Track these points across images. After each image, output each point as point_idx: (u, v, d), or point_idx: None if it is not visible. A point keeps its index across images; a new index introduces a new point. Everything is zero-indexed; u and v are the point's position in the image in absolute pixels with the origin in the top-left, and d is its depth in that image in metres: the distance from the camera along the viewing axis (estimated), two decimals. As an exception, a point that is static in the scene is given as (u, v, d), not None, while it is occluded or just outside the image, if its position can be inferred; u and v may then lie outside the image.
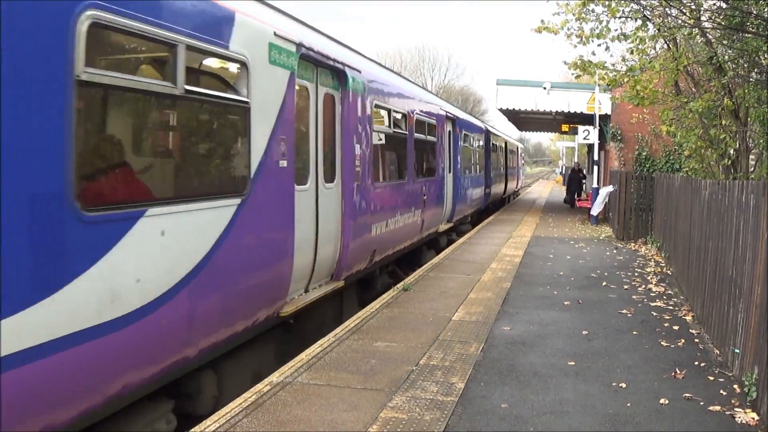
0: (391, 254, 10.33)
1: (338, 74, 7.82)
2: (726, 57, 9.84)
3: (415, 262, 12.56)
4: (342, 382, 5.42)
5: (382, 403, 4.98)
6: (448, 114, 15.29)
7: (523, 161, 51.13)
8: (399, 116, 10.85)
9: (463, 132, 17.18)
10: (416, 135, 11.74)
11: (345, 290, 8.36)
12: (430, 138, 12.95)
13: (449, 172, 15.24)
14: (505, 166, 30.04)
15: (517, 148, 40.38)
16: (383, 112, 9.98)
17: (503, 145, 29.55)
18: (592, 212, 19.22)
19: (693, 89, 11.02)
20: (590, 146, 22.55)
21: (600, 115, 19.50)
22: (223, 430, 4.45)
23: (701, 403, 5.10)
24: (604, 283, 10.04)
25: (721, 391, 5.36)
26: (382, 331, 7.03)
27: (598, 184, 20.30)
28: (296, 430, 4.49)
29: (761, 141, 9.66)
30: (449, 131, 15.43)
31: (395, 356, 6.16)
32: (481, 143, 21.47)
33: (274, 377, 5.52)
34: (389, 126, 10.14)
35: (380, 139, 9.65)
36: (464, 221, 18.46)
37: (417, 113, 11.85)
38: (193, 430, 4.48)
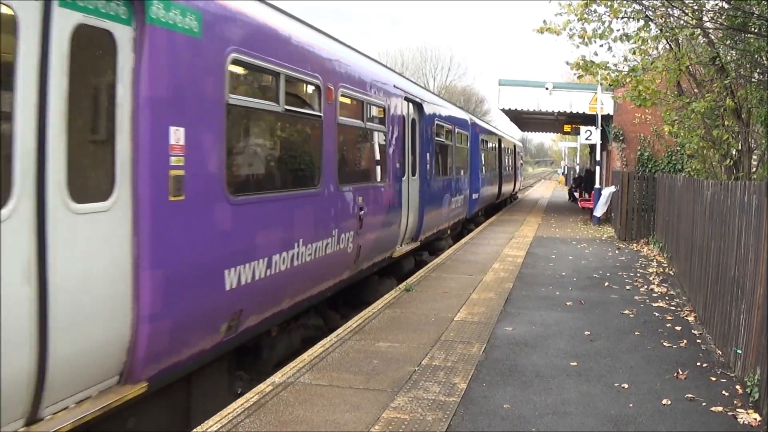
0: (290, 308, 6.57)
1: None
2: (728, 58, 9.84)
3: (362, 299, 9.38)
4: (344, 383, 5.43)
5: (384, 404, 4.99)
6: (410, 96, 11.32)
7: (521, 161, 45.00)
8: (303, 88, 7.11)
9: (436, 122, 13.43)
10: (344, 120, 7.99)
11: (195, 374, 5.27)
12: (372, 126, 9.26)
13: (413, 174, 11.63)
14: (499, 167, 26.29)
15: (515, 146, 35.71)
16: (264, 78, 6.27)
17: (497, 143, 25.90)
18: (595, 213, 19.18)
19: (695, 90, 11.02)
20: (592, 147, 22.54)
21: (602, 116, 19.51)
22: (225, 431, 4.45)
23: (703, 404, 5.09)
24: (606, 284, 10.03)
25: (724, 392, 5.35)
26: (384, 332, 7.04)
27: (600, 184, 20.29)
28: (298, 430, 4.49)
29: (763, 141, 9.66)
30: (413, 120, 11.78)
31: (397, 356, 6.16)
32: (467, 139, 18.12)
33: (277, 377, 5.53)
34: (277, 101, 6.21)
35: (252, 122, 6.16)
36: (441, 235, 14.66)
37: (345, 87, 7.94)
38: (195, 430, 4.49)
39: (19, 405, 3.61)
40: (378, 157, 9.76)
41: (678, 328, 7.41)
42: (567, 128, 25.34)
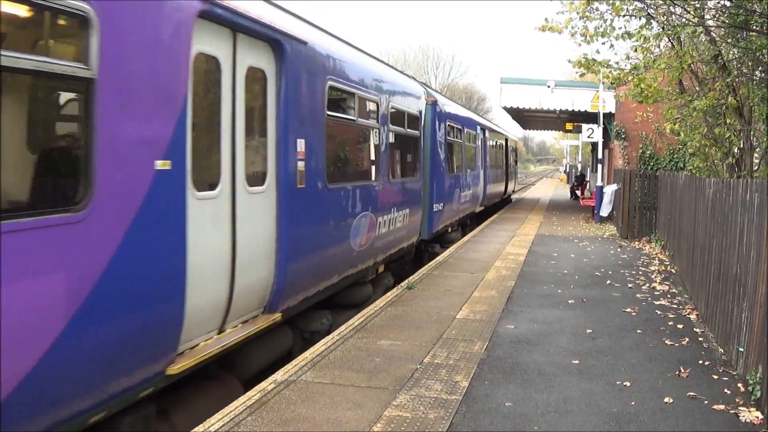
0: None
1: None
2: (730, 56, 9.84)
3: None
4: (346, 381, 5.44)
5: (387, 402, 4.99)
6: (234, 18, 5.37)
7: (515, 159, 35.45)
8: None
9: (331, 84, 7.35)
10: None
11: None
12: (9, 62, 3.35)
13: (254, 184, 5.80)
14: (483, 166, 20.39)
15: (507, 140, 29.02)
16: None
17: (480, 134, 19.77)
18: (601, 213, 19.08)
19: (697, 88, 11.01)
20: (594, 145, 22.52)
21: (604, 114, 19.48)
22: (227, 429, 4.46)
23: (705, 402, 5.10)
24: (608, 282, 10.03)
25: (726, 390, 5.36)
26: (386, 330, 7.04)
27: (602, 182, 20.27)
28: (300, 428, 4.50)
29: (765, 140, 9.65)
30: (255, 72, 5.91)
31: (399, 355, 6.17)
32: (421, 124, 11.91)
33: (279, 375, 5.54)
34: None
35: None
36: (362, 277, 8.88)
37: None
38: (196, 429, 4.49)
39: None
40: (35, 149, 4.08)
41: (680, 326, 7.41)
42: (569, 126, 25.27)
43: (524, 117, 29.57)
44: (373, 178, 9.12)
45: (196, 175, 4.87)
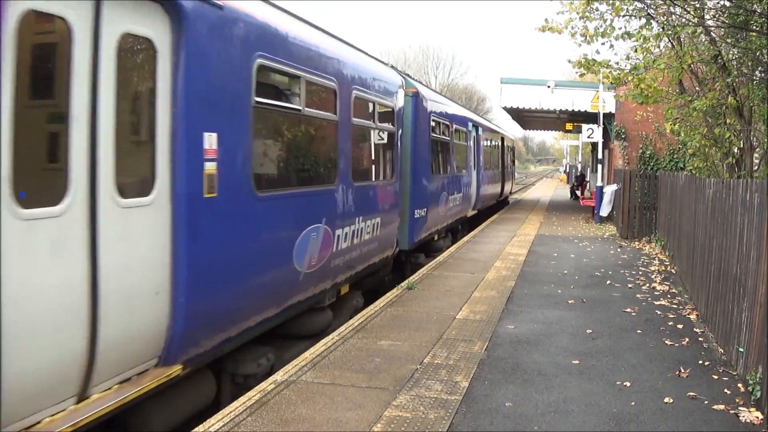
0: None
1: None
2: (730, 56, 9.83)
3: None
4: (346, 381, 5.44)
5: (387, 402, 4.99)
6: None
7: (512, 159, 32.88)
8: None
9: (256, 63, 5.59)
10: None
11: None
12: None
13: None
14: (476, 166, 18.97)
15: (503, 138, 26.78)
16: None
17: (470, 131, 17.99)
18: (601, 213, 19.08)
19: (697, 88, 11.01)
20: (594, 145, 22.51)
21: (604, 114, 19.47)
22: (227, 429, 4.46)
23: (705, 402, 5.10)
24: (608, 282, 10.03)
25: (726, 390, 5.36)
26: (386, 330, 7.04)
27: (602, 182, 20.26)
28: (300, 429, 4.50)
29: (765, 140, 9.65)
30: (150, 47, 4.44)
31: (399, 355, 6.17)
32: (400, 119, 10.50)
33: (279, 376, 5.54)
34: None
35: None
36: (318, 303, 7.40)
37: None
38: (196, 429, 4.49)
39: None
40: None
41: (680, 326, 7.41)
42: (569, 126, 25.28)
43: (524, 117, 29.56)
44: (327, 182, 7.38)
45: (19, 185, 3.41)
